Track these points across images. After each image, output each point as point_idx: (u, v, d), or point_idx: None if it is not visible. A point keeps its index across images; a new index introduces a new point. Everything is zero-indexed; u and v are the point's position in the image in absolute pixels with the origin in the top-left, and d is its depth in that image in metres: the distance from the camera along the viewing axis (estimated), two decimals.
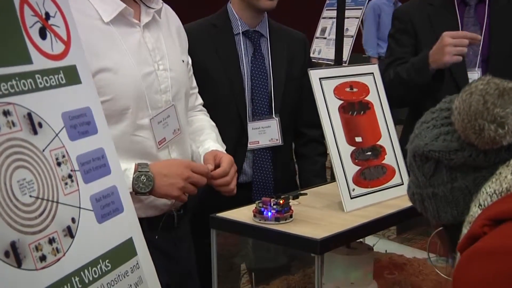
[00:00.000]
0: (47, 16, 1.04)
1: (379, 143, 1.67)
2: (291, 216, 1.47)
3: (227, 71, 2.03)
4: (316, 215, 1.52)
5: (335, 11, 3.34)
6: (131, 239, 1.14)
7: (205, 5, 4.21)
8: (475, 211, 0.96)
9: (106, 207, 1.09)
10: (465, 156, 1.01)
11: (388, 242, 2.11)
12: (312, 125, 2.10)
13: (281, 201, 1.45)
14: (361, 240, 1.71)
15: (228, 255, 1.77)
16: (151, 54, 1.67)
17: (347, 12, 3.56)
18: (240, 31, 2.07)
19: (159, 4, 1.74)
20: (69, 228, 0.99)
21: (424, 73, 2.11)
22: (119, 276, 1.08)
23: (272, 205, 1.45)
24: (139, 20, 1.68)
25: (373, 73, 1.71)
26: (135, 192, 1.58)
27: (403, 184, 1.68)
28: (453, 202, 1.03)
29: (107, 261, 1.06)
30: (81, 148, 1.06)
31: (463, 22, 2.25)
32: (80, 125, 1.07)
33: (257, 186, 2.07)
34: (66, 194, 1.00)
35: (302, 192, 1.60)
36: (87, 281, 1.00)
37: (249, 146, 2.05)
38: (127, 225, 1.14)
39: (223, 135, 1.92)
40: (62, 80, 1.05)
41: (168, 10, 1.82)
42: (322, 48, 5.14)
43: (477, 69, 2.30)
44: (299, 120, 2.15)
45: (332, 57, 3.64)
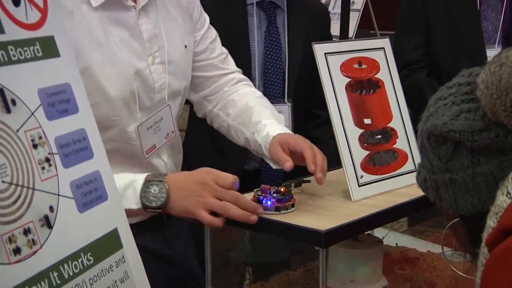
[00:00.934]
0: None
1: (390, 125, 1.66)
2: (293, 205, 1.46)
3: (234, 47, 1.95)
4: (320, 204, 1.51)
5: None
6: (116, 230, 1.13)
7: None
8: (502, 200, 0.93)
9: (88, 194, 1.07)
10: (491, 136, 0.97)
11: (399, 234, 2.11)
12: (326, 106, 2.08)
13: (282, 189, 1.44)
14: (370, 232, 1.71)
15: (223, 248, 1.76)
16: (147, 45, 1.58)
17: None
18: (253, 1, 2.02)
19: None
20: (46, 217, 0.97)
21: None
22: (102, 271, 1.06)
23: (272, 193, 1.43)
24: (135, 1, 1.56)
25: (384, 48, 1.70)
26: (144, 207, 1.42)
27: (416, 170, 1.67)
28: (474, 189, 1.00)
29: (89, 254, 1.04)
30: (60, 128, 1.04)
31: None
32: (58, 103, 1.05)
33: (266, 173, 2.05)
34: (43, 179, 0.98)
35: (305, 179, 1.59)
36: (66, 276, 0.98)
37: None
38: (111, 215, 1.13)
39: None
40: (38, 52, 1.02)
41: None
42: None
43: (496, 46, 2.29)
44: (312, 100, 2.12)
45: (336, 33, 3.63)
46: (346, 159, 1.56)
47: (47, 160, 1.00)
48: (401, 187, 1.63)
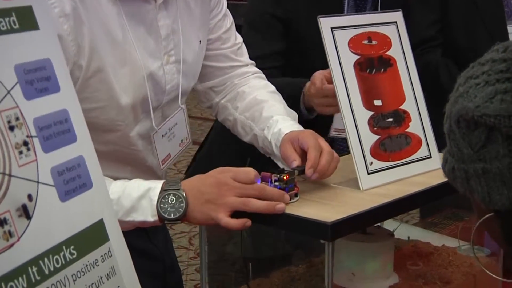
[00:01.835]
0: None
1: (402, 107, 1.66)
2: (296, 195, 1.46)
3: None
4: (326, 194, 1.51)
5: None
6: (101, 221, 1.12)
7: None
8: None
9: (70, 181, 1.06)
10: None
11: (411, 227, 2.12)
12: None
13: (285, 177, 1.43)
14: (380, 224, 1.72)
15: (217, 242, 1.76)
16: (163, 43, 1.55)
17: None
18: None
19: None
20: (24, 207, 0.96)
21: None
22: (86, 266, 1.06)
23: (273, 181, 1.42)
24: None
25: (396, 22, 1.69)
26: (161, 219, 1.41)
27: (431, 157, 1.68)
28: (511, 181, 0.97)
29: (72, 247, 1.03)
30: (39, 109, 1.03)
31: None
32: (38, 80, 1.03)
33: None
34: (20, 165, 0.97)
35: None
36: (47, 272, 0.97)
37: (332, 133, 2.05)
38: (96, 204, 1.12)
39: None
40: (14, 24, 1.00)
41: None
42: None
43: None
44: None
45: None
46: (354, 144, 1.55)
47: (25, 143, 0.99)
48: (414, 175, 1.63)
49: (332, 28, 1.57)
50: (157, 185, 1.41)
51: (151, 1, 1.52)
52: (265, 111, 1.69)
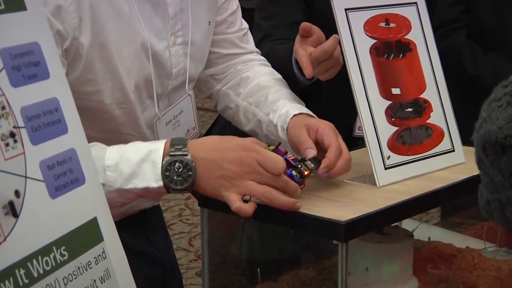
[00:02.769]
0: None
1: (422, 96, 1.66)
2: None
3: None
4: (339, 190, 1.52)
5: None
6: (95, 219, 1.12)
7: None
8: None
9: (61, 176, 1.07)
10: None
11: (432, 227, 2.13)
12: None
13: (306, 172, 1.42)
14: (398, 224, 1.72)
15: (220, 243, 1.77)
16: (171, 22, 1.56)
17: None
18: None
19: None
20: (11, 204, 0.96)
21: None
22: (79, 268, 1.06)
23: (291, 169, 1.40)
24: None
25: (416, 3, 1.69)
26: (166, 188, 1.37)
27: (454, 150, 1.69)
28: None
29: (63, 248, 1.04)
30: (27, 97, 1.03)
31: None
32: (25, 66, 1.03)
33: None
34: (7, 158, 0.97)
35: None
36: (35, 275, 0.97)
37: (357, 132, 2.08)
38: (90, 201, 1.12)
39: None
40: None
41: None
42: None
43: None
44: None
45: None
46: (370, 137, 1.55)
47: (12, 135, 0.99)
48: (435, 170, 1.63)
49: (346, 9, 1.57)
50: (159, 145, 1.37)
51: None
52: (271, 95, 1.69)
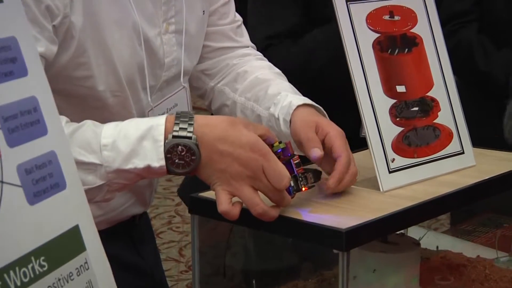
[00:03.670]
0: None
1: (429, 94, 1.66)
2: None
3: None
4: (340, 196, 1.52)
5: None
6: (77, 227, 1.12)
7: None
8: None
9: (41, 181, 1.07)
10: None
11: (440, 235, 2.12)
12: None
13: (304, 188, 1.42)
14: (404, 231, 1.72)
15: (212, 253, 1.77)
16: (163, 7, 1.57)
17: None
18: None
19: None
20: None
21: None
22: (60, 280, 1.06)
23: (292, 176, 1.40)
24: None
25: None
26: (168, 170, 1.36)
27: (463, 152, 1.69)
28: None
29: (43, 258, 1.04)
30: (3, 96, 1.03)
31: None
32: (1, 62, 1.03)
33: None
34: None
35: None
36: (13, 287, 0.97)
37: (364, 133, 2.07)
38: (71, 208, 1.12)
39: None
40: None
41: None
42: None
43: None
44: None
45: None
46: (373, 138, 1.56)
47: None
48: (444, 174, 1.63)
49: (347, 1, 1.57)
50: (160, 120, 1.36)
51: None
52: (271, 89, 1.68)
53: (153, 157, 1.34)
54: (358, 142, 1.75)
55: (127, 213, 1.68)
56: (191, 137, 1.33)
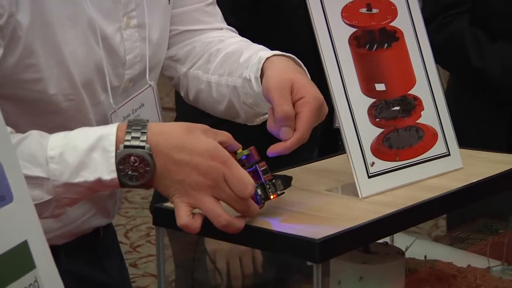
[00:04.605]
0: None
1: (412, 92, 1.67)
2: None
3: None
4: (315, 203, 1.52)
5: None
6: (25, 243, 1.13)
7: None
8: None
9: None
10: None
11: (430, 243, 2.12)
12: None
13: (272, 196, 1.42)
14: (387, 240, 1.72)
15: (189, 267, 1.77)
16: (123, 1, 1.56)
17: None
18: None
19: None
20: None
21: None
22: None
23: (258, 185, 1.40)
24: None
25: None
26: (121, 183, 1.35)
27: (449, 154, 1.70)
28: None
29: None
30: None
31: None
32: None
33: None
34: None
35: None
36: None
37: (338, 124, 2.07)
38: (19, 222, 1.13)
39: None
40: None
41: None
42: None
43: None
44: None
45: None
46: (350, 141, 1.55)
47: None
48: (428, 178, 1.64)
49: None
50: (111, 130, 1.35)
51: None
52: (244, 56, 1.65)
53: (104, 169, 1.34)
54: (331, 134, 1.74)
55: (89, 225, 1.67)
56: (144, 147, 1.32)
